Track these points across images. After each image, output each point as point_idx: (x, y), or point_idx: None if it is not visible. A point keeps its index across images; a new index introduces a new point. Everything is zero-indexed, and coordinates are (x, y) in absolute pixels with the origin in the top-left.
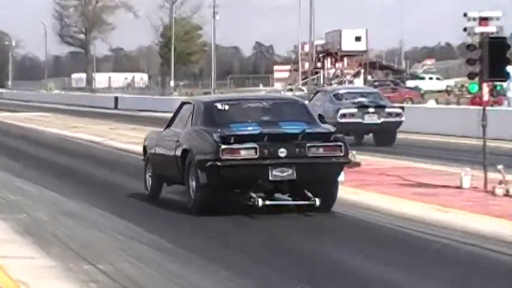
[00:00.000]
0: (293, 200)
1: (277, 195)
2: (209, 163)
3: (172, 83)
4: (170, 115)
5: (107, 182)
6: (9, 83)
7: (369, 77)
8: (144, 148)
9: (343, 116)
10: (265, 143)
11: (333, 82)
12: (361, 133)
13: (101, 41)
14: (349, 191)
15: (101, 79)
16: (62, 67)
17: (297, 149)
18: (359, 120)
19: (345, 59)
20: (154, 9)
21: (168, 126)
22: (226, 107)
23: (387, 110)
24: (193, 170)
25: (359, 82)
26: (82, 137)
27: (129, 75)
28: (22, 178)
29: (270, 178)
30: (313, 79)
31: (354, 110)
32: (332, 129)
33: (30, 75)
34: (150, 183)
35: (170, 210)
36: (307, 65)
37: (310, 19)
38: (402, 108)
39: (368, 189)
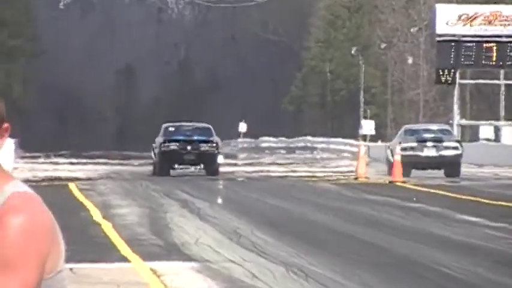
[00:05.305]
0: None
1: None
2: (157, 151)
3: None
4: None
5: None
6: None
7: None
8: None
9: (404, 149)
10: (182, 143)
11: None
12: (422, 166)
13: None
14: None
15: None
16: None
17: (195, 146)
18: (418, 153)
19: None
20: None
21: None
22: (173, 128)
23: (445, 143)
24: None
25: None
26: None
27: None
28: None
29: (184, 158)
30: None
31: (414, 144)
32: (214, 138)
33: None
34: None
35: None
36: None
37: None
38: (459, 142)
39: None
